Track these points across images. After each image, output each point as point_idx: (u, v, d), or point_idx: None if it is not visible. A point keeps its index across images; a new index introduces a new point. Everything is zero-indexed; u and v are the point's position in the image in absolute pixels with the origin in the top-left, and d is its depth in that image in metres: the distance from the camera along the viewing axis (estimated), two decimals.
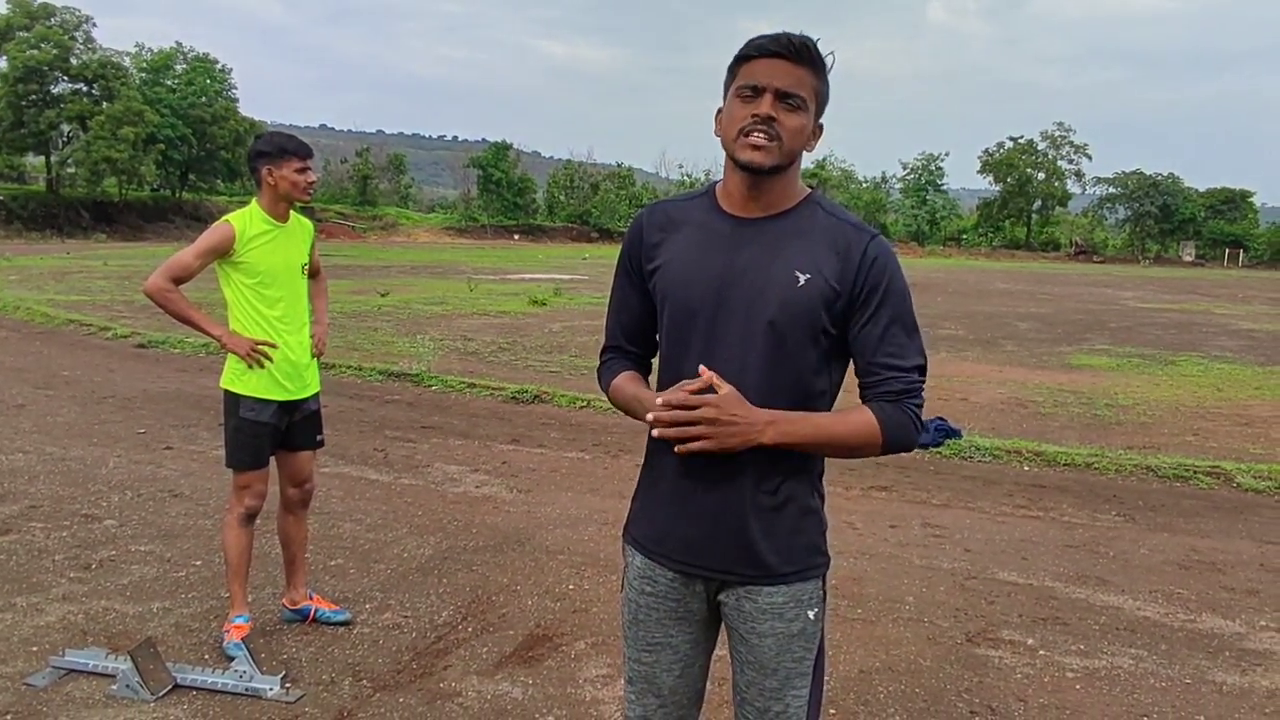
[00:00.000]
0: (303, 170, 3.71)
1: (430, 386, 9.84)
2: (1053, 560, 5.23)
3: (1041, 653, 4.04)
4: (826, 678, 2.15)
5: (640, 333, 2.12)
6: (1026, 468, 7.31)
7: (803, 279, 1.87)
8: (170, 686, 3.46)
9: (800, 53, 1.84)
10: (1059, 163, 75.42)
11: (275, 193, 3.72)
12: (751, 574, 1.96)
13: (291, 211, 3.84)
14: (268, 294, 3.74)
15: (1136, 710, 3.59)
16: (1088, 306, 24.25)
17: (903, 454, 1.98)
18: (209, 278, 3.87)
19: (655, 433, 1.85)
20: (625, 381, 2.08)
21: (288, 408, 3.84)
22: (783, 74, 1.84)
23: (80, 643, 3.80)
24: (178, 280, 3.69)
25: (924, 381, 1.94)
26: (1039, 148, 75.38)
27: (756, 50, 1.86)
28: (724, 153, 1.93)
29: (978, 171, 76.79)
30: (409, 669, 3.72)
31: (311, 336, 3.98)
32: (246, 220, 3.72)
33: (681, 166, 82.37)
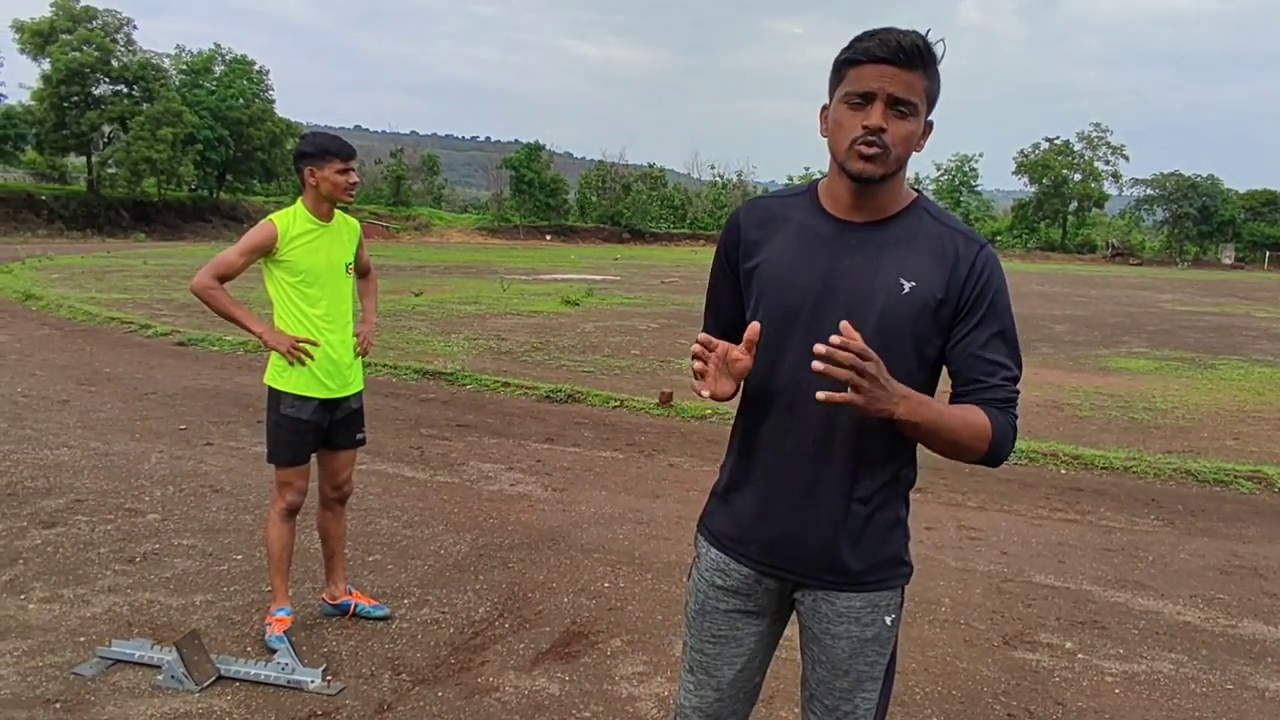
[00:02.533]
0: (344, 171, 3.73)
1: (465, 385, 9.91)
2: (1090, 564, 5.19)
3: (1080, 656, 4.02)
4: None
5: (736, 330, 1.94)
6: (1063, 471, 7.25)
7: (907, 286, 1.84)
8: (214, 678, 3.52)
9: (912, 57, 1.77)
10: (1096, 164, 74.46)
11: (318, 193, 3.76)
12: (833, 580, 1.95)
13: (337, 211, 3.87)
14: (310, 293, 3.77)
15: (1177, 715, 3.56)
16: (1125, 309, 23.97)
17: (961, 461, 1.95)
18: (255, 277, 3.93)
19: (818, 366, 1.64)
20: None
21: (329, 405, 3.87)
22: (892, 80, 1.77)
23: (126, 634, 3.87)
24: (222, 278, 3.75)
25: (1020, 392, 1.90)
26: (1075, 148, 74.45)
27: (865, 55, 1.78)
28: (829, 155, 1.89)
29: (1012, 173, 75.97)
30: (447, 664, 3.76)
31: (356, 335, 3.99)
32: (290, 219, 3.76)
33: (713, 168, 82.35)
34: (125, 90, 52.25)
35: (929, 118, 1.85)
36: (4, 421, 7.53)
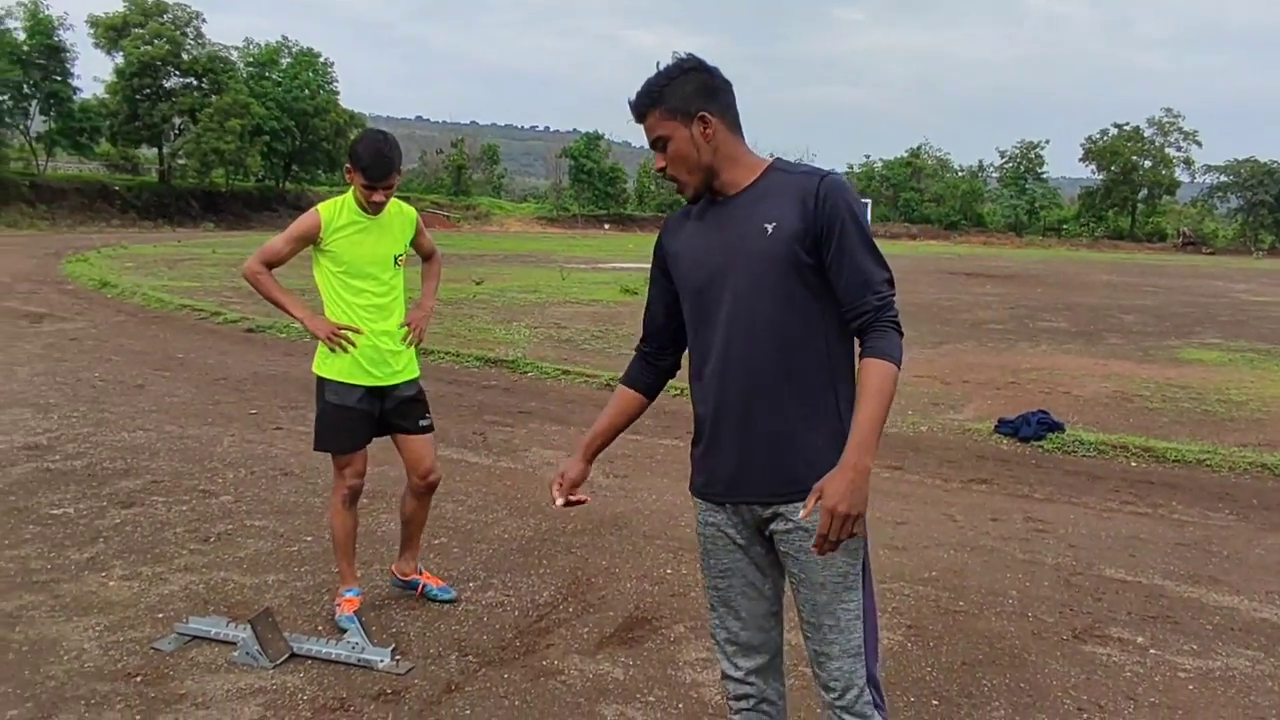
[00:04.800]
0: (369, 189, 3.65)
1: (526, 373, 9.99)
2: (1162, 558, 5.08)
3: (1152, 651, 3.94)
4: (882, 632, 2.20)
5: (668, 322, 2.48)
6: (1134, 463, 7.10)
7: (770, 228, 2.19)
8: (287, 655, 3.60)
9: (637, 111, 2.28)
10: (1167, 150, 72.48)
11: (355, 191, 3.74)
12: (785, 492, 2.22)
13: (392, 200, 3.80)
14: (353, 283, 3.77)
15: (1253, 713, 3.47)
16: (1197, 299, 23.34)
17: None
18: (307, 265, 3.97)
19: (817, 553, 2.11)
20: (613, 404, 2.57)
21: (376, 393, 3.85)
22: (646, 132, 2.28)
23: (202, 611, 3.98)
24: (269, 264, 3.79)
25: (894, 293, 2.19)
26: (1145, 134, 72.52)
27: (632, 118, 2.30)
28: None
29: (1080, 159, 74.21)
30: (513, 646, 3.81)
31: (407, 323, 3.91)
32: (336, 210, 3.76)
33: (773, 156, 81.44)
34: (195, 83, 53.38)
35: (699, 114, 2.22)
36: (83, 405, 7.77)
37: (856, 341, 2.24)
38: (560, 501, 2.52)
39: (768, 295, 2.19)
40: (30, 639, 3.70)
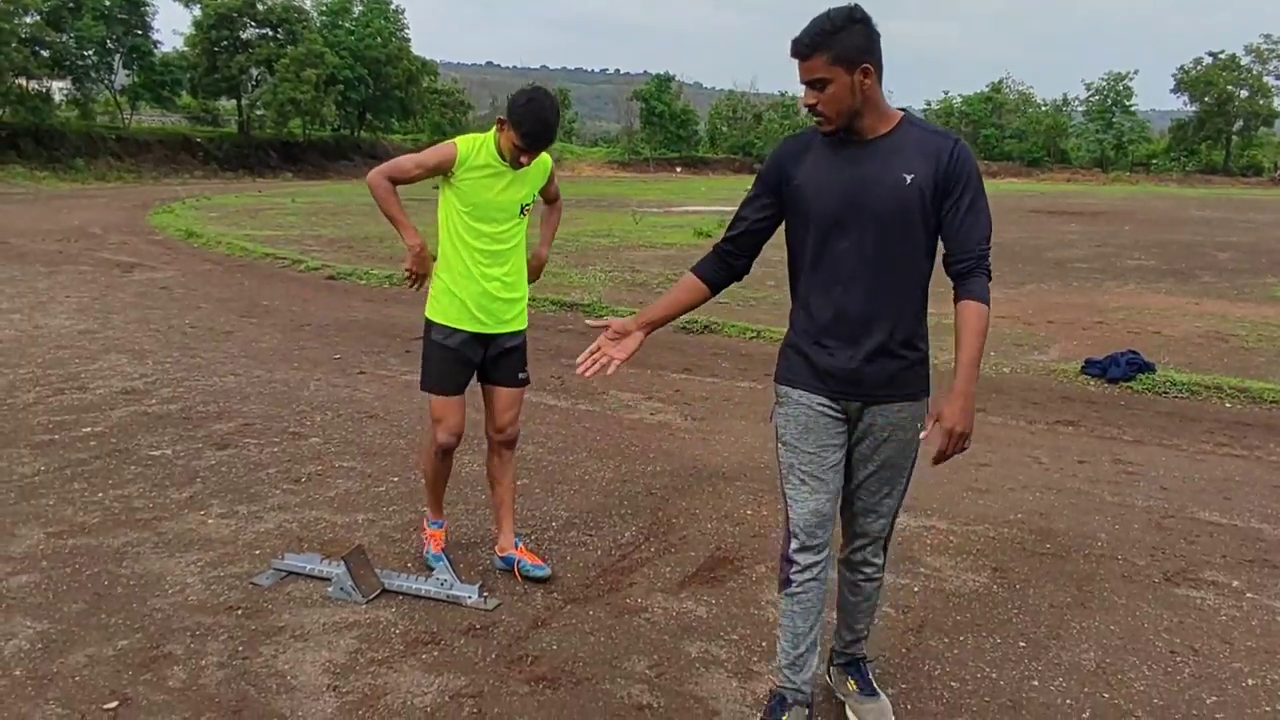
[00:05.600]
0: (520, 151, 3.57)
1: (601, 316, 9.99)
2: (1259, 501, 4.93)
3: (1249, 595, 3.84)
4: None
5: (756, 234, 2.79)
6: (1228, 405, 6.88)
7: (909, 179, 2.52)
8: (379, 591, 3.71)
9: (803, 51, 2.48)
10: (1265, 78, 69.03)
11: (502, 141, 3.62)
12: (887, 394, 2.66)
13: None
14: (475, 226, 3.66)
15: None
16: None
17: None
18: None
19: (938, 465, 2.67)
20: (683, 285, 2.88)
21: (481, 340, 3.78)
22: (803, 71, 2.50)
23: (297, 548, 4.11)
24: (394, 180, 3.67)
25: (991, 247, 2.59)
26: (1243, 63, 69.11)
27: (792, 54, 2.51)
28: None
29: (1171, 90, 71.01)
30: (596, 584, 3.87)
31: (530, 259, 3.94)
32: (474, 148, 3.64)
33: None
34: (270, 33, 54.03)
35: (863, 65, 2.46)
36: (176, 351, 8.02)
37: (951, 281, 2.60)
38: (591, 365, 2.87)
39: (895, 233, 2.54)
40: (137, 574, 3.87)
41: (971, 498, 4.90)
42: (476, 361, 3.84)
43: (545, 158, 3.79)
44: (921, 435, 2.66)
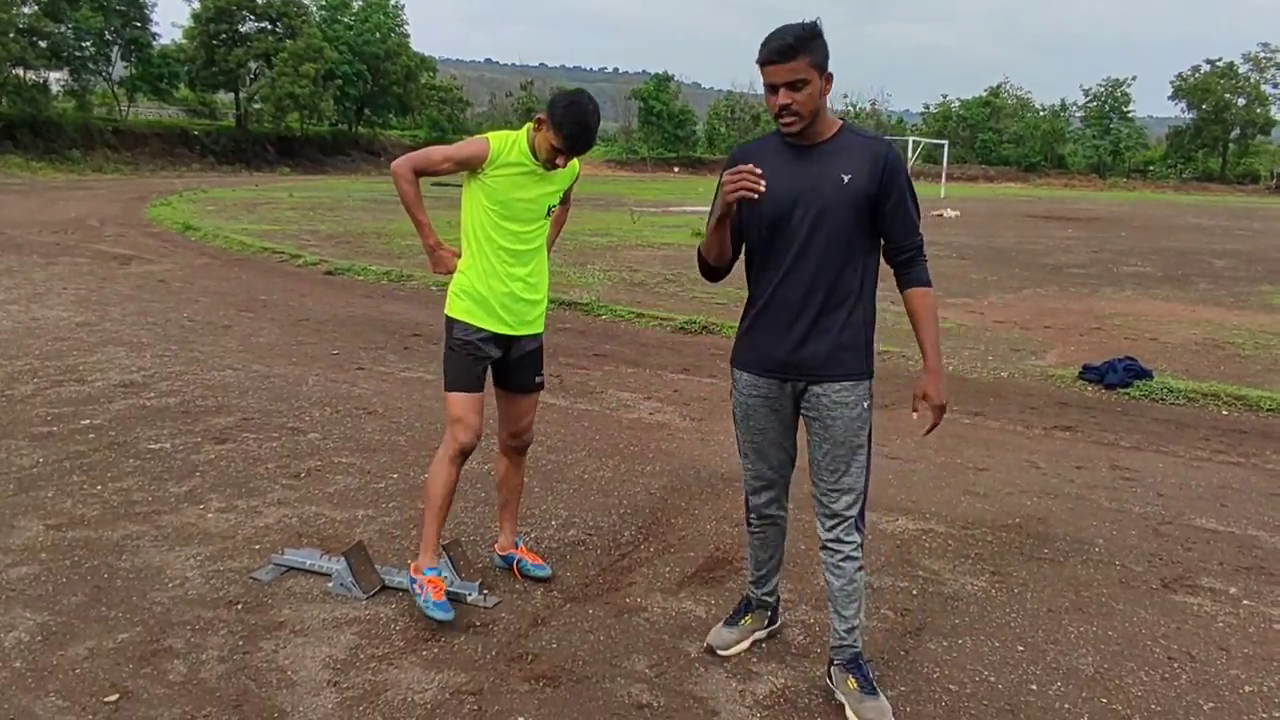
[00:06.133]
0: (559, 153, 3.49)
1: (600, 316, 10.03)
2: (1256, 509, 4.95)
3: (1245, 603, 3.86)
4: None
5: (735, 232, 3.07)
6: (1225, 412, 6.90)
7: (846, 179, 2.84)
8: (379, 587, 3.71)
9: (788, 53, 2.73)
10: (1263, 86, 69.21)
11: (539, 140, 3.52)
12: (830, 374, 2.94)
13: None
14: (504, 225, 3.55)
15: None
16: None
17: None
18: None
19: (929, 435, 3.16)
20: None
21: (502, 341, 3.65)
22: (784, 72, 2.74)
23: (296, 543, 4.11)
24: (419, 172, 3.55)
25: (923, 239, 2.97)
26: (1240, 71, 69.31)
27: (764, 59, 2.76)
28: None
29: (1168, 97, 71.27)
30: (596, 583, 3.87)
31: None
32: (506, 145, 3.53)
33: (846, 96, 79.83)
34: (269, 27, 53.95)
35: (829, 72, 2.80)
36: (174, 344, 8.01)
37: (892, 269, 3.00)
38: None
39: (834, 227, 2.86)
40: (136, 567, 3.87)
41: (969, 501, 4.92)
42: (495, 359, 3.69)
43: (574, 161, 3.69)
44: (914, 416, 2.99)
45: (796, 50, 2.72)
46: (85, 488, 4.70)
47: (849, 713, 2.98)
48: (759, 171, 2.76)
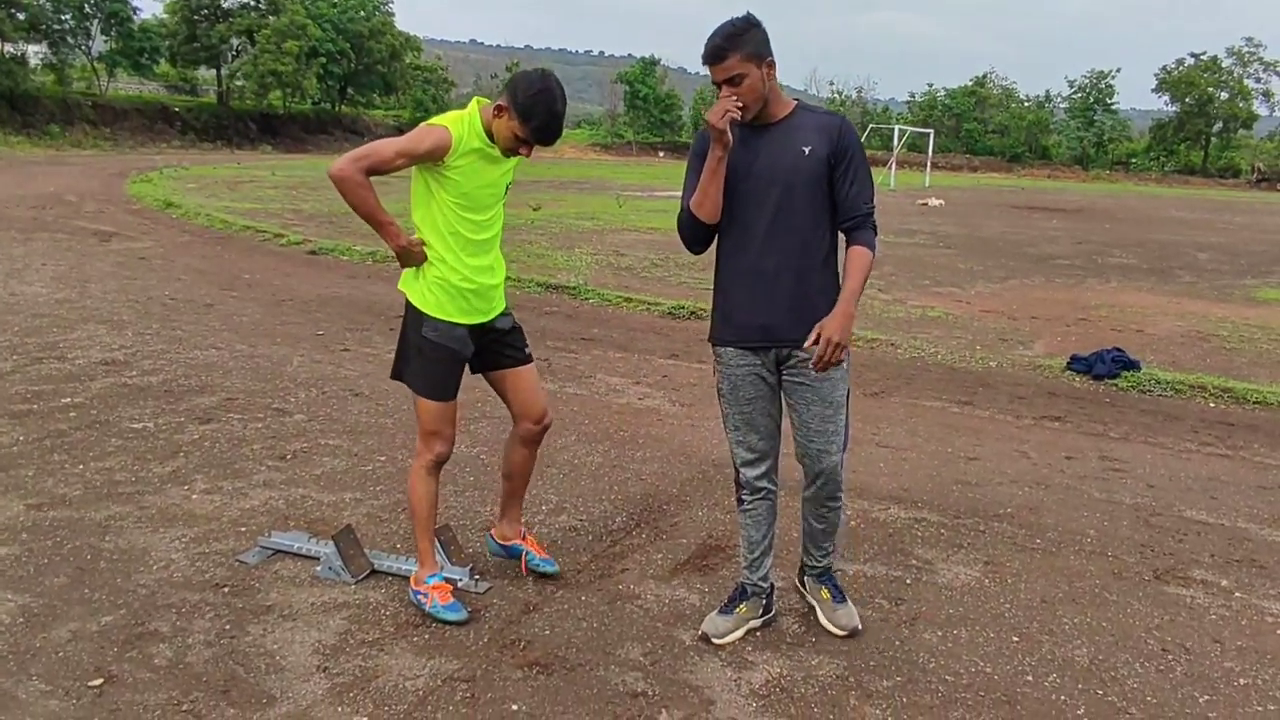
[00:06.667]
0: (523, 144, 3.25)
1: (588, 300, 9.96)
2: (1245, 501, 4.96)
3: (1238, 595, 3.86)
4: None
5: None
6: (1212, 404, 6.92)
7: (807, 150, 3.04)
8: (368, 571, 3.66)
9: (719, 54, 2.93)
10: (1245, 81, 69.53)
11: (498, 128, 3.25)
12: (804, 337, 3.00)
13: None
14: (467, 216, 3.30)
15: None
16: (1273, 237, 22.57)
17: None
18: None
19: (816, 371, 3.04)
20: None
21: (475, 332, 3.45)
22: (720, 72, 2.94)
23: (283, 526, 4.05)
24: (372, 172, 3.15)
25: (875, 206, 3.12)
26: (1224, 65, 69.55)
27: (703, 61, 2.97)
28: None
29: (1152, 90, 71.46)
30: (588, 570, 3.83)
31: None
32: (465, 130, 3.22)
33: (833, 84, 79.81)
34: (252, 3, 53.33)
35: (768, 59, 2.97)
36: (155, 323, 7.90)
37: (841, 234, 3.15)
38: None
39: (798, 196, 3.04)
40: (120, 548, 3.80)
41: (961, 490, 4.90)
42: (467, 356, 3.47)
43: None
44: (805, 345, 2.99)
45: (726, 50, 2.91)
46: (67, 467, 4.62)
47: (822, 619, 3.43)
48: (737, 99, 2.93)
